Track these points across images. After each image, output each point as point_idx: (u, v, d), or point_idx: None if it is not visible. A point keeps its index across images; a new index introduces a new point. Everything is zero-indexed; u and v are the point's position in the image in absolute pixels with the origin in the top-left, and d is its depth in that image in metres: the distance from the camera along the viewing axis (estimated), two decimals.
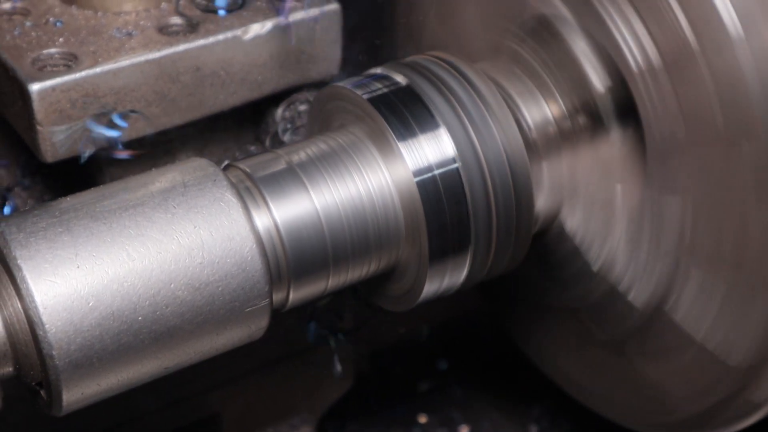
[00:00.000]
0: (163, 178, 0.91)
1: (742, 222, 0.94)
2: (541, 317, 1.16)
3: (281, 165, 0.95)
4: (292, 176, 0.94)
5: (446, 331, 1.34)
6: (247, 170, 0.94)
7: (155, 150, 1.12)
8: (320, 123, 1.02)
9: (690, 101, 0.93)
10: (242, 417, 1.22)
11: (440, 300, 1.02)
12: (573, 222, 1.07)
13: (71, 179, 1.12)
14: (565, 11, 1.00)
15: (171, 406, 1.17)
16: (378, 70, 1.02)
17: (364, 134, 0.97)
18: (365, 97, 0.97)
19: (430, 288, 0.98)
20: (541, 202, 1.05)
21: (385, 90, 0.98)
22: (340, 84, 0.99)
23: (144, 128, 1.07)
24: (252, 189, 0.93)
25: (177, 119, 1.09)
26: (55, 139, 1.04)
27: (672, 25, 0.92)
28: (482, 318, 1.28)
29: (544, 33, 1.03)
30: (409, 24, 1.21)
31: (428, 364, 1.31)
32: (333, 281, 0.96)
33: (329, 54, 1.13)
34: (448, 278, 0.98)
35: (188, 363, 0.91)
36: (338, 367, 1.13)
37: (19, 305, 0.85)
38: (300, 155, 0.96)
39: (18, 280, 0.84)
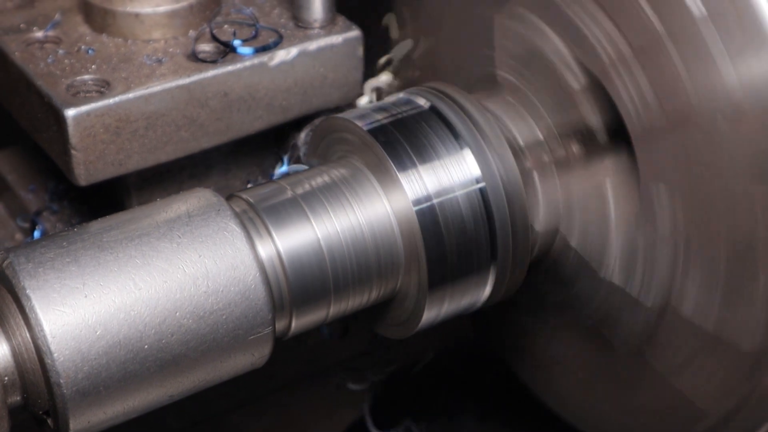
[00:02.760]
0: (169, 209, 0.92)
1: (732, 207, 0.93)
2: (537, 341, 1.16)
3: (284, 195, 0.96)
4: (295, 206, 0.95)
5: (459, 356, 1.34)
6: (251, 200, 0.95)
7: (181, 174, 1.14)
8: (321, 154, 1.03)
9: (664, 86, 0.93)
10: None
11: (455, 321, 1.03)
12: (571, 245, 1.06)
13: (99, 203, 1.15)
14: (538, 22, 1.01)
15: (193, 426, 1.18)
16: (378, 102, 1.02)
17: (365, 164, 0.98)
18: (365, 128, 0.98)
19: (429, 315, 0.98)
20: (538, 227, 1.04)
21: (385, 121, 0.98)
22: (341, 116, 1.00)
23: (174, 152, 1.10)
24: (255, 219, 0.94)
25: (205, 143, 1.11)
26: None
27: (638, 15, 0.93)
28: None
29: (526, 56, 1.03)
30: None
31: (442, 389, 1.30)
32: (334, 309, 0.97)
33: (351, 79, 1.15)
34: (447, 305, 0.99)
35: (193, 391, 0.92)
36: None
37: (28, 334, 0.86)
38: (303, 186, 0.97)
39: (27, 310, 0.85)
